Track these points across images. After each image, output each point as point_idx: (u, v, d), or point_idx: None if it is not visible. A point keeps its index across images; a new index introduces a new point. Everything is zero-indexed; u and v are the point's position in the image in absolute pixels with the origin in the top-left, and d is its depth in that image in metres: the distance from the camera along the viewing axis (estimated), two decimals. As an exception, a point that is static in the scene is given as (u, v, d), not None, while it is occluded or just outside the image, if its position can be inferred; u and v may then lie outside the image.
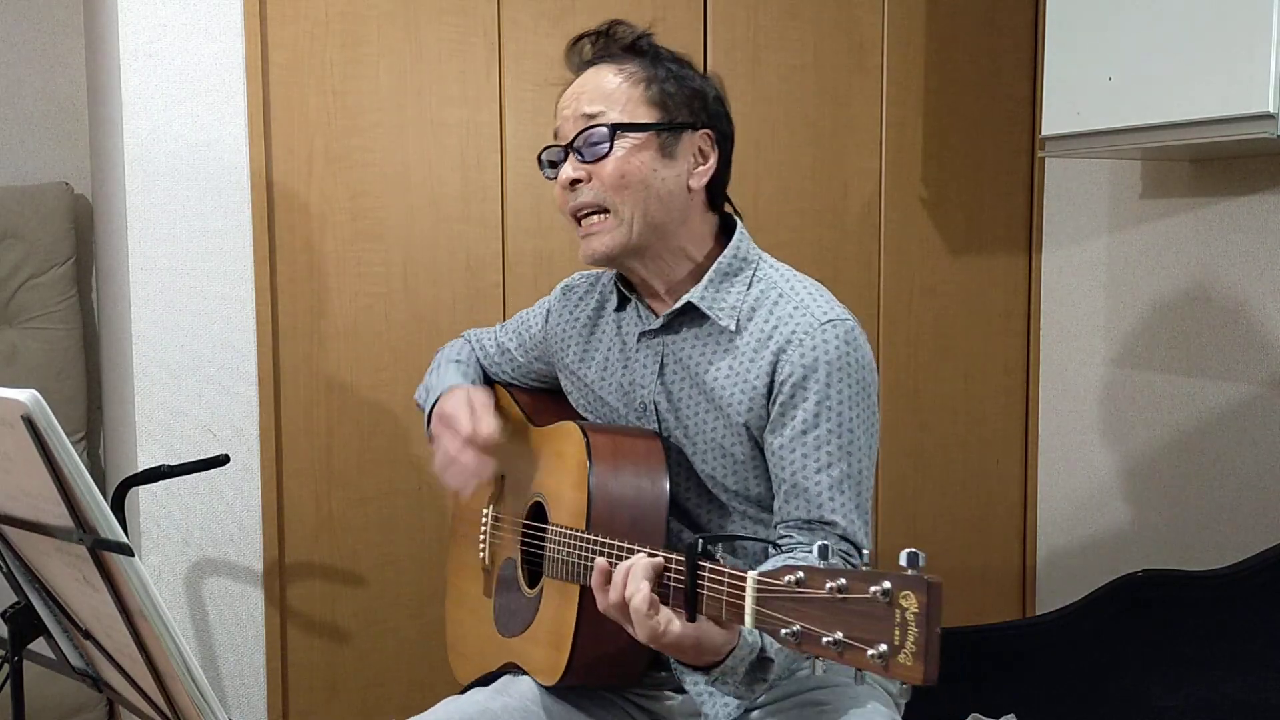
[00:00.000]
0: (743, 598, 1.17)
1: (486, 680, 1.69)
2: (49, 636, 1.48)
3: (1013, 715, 2.27)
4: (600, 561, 1.36)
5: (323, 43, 2.34)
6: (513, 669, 1.67)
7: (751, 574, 1.17)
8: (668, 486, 1.53)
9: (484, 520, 1.80)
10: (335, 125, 2.36)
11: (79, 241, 2.79)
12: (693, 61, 1.66)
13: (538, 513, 1.66)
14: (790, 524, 1.53)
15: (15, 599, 1.48)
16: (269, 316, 2.35)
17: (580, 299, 1.78)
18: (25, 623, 1.46)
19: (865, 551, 1.50)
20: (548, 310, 1.82)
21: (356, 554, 2.44)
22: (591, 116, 1.57)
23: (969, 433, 2.83)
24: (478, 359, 1.91)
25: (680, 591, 1.27)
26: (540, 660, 1.58)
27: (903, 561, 1.02)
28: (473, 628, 1.81)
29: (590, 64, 1.63)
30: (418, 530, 2.47)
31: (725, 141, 1.64)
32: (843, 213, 2.67)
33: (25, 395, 1.15)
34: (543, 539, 1.60)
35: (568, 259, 2.48)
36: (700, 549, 1.25)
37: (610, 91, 1.58)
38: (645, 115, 1.57)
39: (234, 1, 2.29)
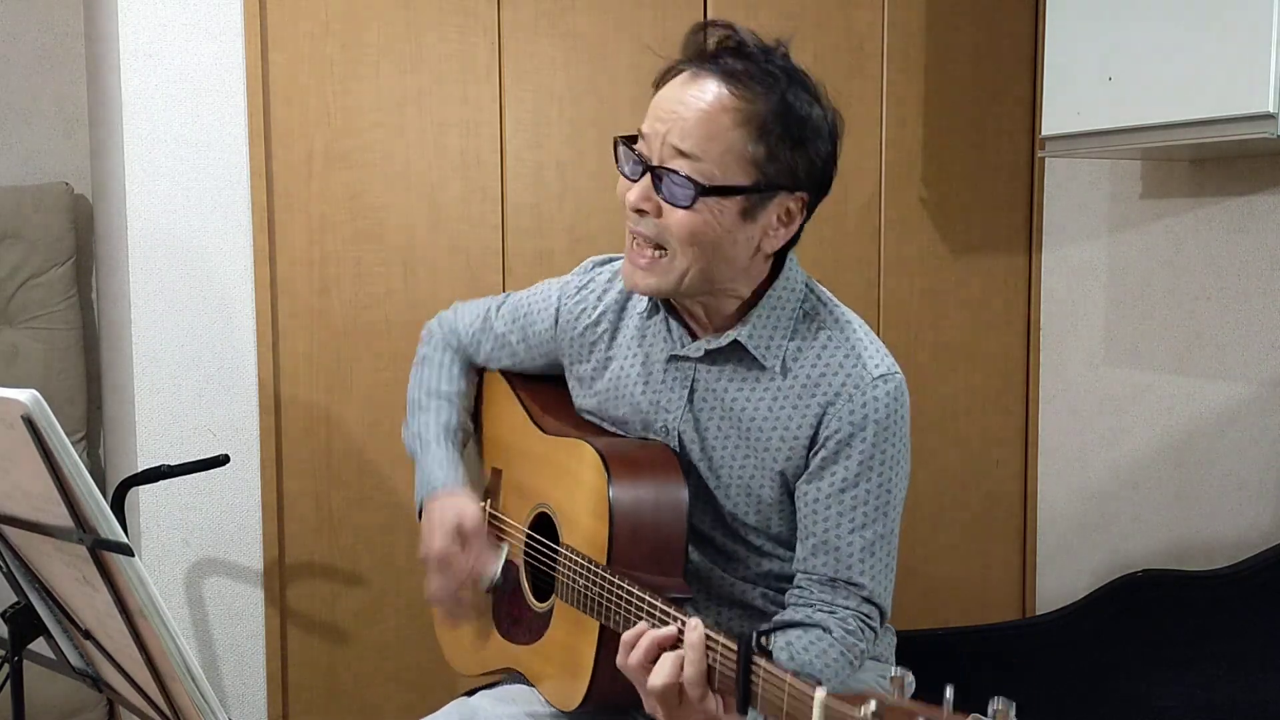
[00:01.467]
0: (808, 713, 1.09)
1: (489, 683, 1.69)
2: (49, 636, 1.48)
3: (1013, 703, 2.26)
4: (653, 633, 1.30)
5: (323, 43, 2.34)
6: (516, 675, 1.67)
7: (820, 692, 1.09)
8: (686, 511, 1.48)
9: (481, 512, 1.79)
10: (335, 125, 2.36)
11: (79, 241, 2.78)
12: (821, 90, 1.47)
13: (543, 523, 1.64)
14: (813, 577, 1.49)
15: (15, 599, 1.48)
16: (269, 316, 2.35)
17: (598, 298, 1.66)
18: (25, 623, 1.46)
19: (887, 612, 1.49)
20: (558, 309, 1.70)
21: (356, 554, 2.44)
22: (683, 155, 1.40)
23: (969, 433, 2.83)
24: (463, 367, 1.82)
25: (726, 678, 1.23)
26: (554, 684, 1.57)
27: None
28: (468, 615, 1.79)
29: (705, 67, 1.43)
30: (418, 530, 2.47)
31: (817, 199, 1.49)
32: (843, 213, 2.67)
33: (25, 395, 1.15)
34: (553, 558, 1.57)
35: (568, 258, 2.48)
36: (756, 643, 1.19)
37: (713, 134, 1.39)
38: (740, 173, 1.40)
39: (234, 1, 2.29)
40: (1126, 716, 2.26)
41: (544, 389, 1.78)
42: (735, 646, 1.22)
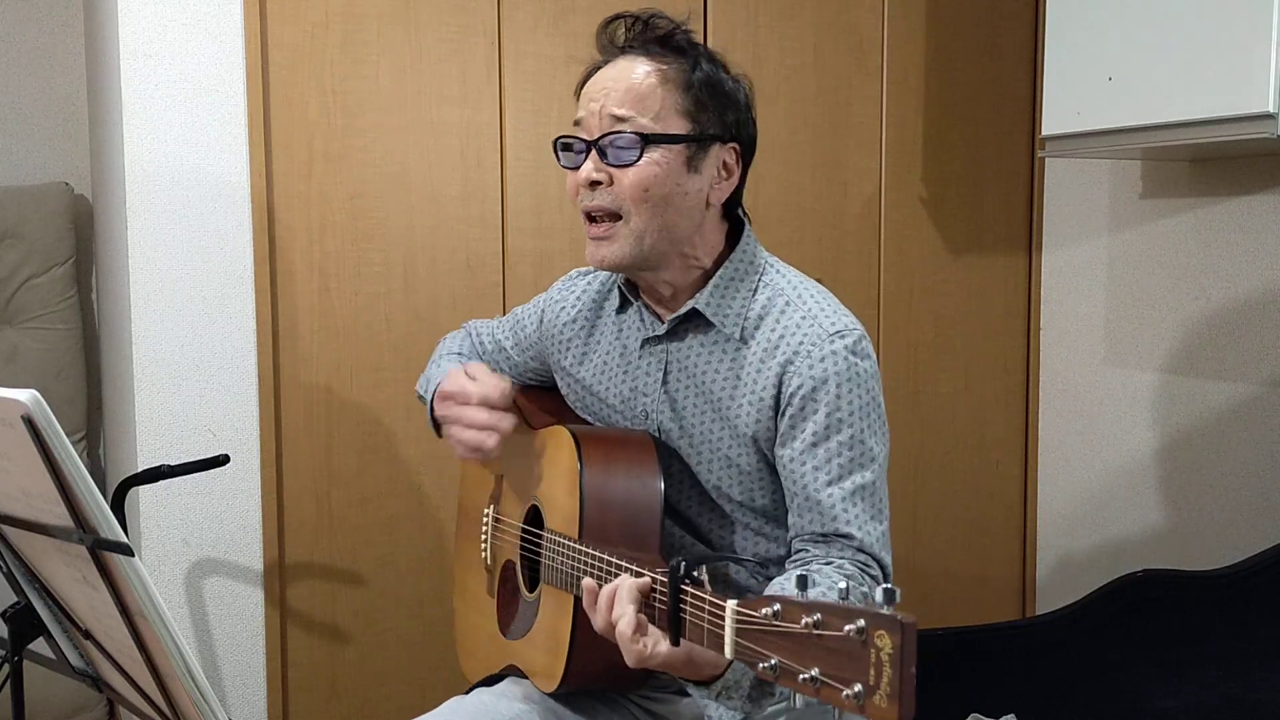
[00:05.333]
0: (722, 627, 1.14)
1: (490, 681, 1.69)
2: (49, 636, 1.48)
3: (1013, 715, 2.27)
4: (588, 583, 1.34)
5: (323, 43, 2.34)
6: (515, 671, 1.67)
7: (730, 603, 1.13)
8: (661, 489, 1.51)
9: (485, 519, 1.80)
10: (335, 125, 2.36)
11: (79, 241, 2.78)
12: (727, 61, 1.60)
13: (535, 517, 1.66)
14: (805, 538, 1.50)
15: (15, 599, 1.48)
16: (269, 316, 2.35)
17: (577, 298, 1.75)
18: (25, 623, 1.46)
19: (885, 563, 1.48)
20: (542, 310, 1.79)
21: (356, 554, 2.44)
22: (621, 119, 1.51)
23: (969, 433, 2.83)
24: (478, 353, 1.90)
25: (665, 613, 1.25)
26: (539, 666, 1.58)
27: (878, 597, 1.00)
28: (478, 624, 1.81)
29: (622, 51, 1.56)
30: (418, 530, 2.47)
31: (749, 153, 1.60)
32: (843, 213, 2.67)
33: (25, 395, 1.15)
34: (539, 545, 1.60)
35: (567, 259, 2.48)
36: (683, 571, 1.22)
37: (643, 94, 1.51)
38: (676, 125, 1.52)
39: (234, 1, 2.29)
40: (1126, 716, 2.26)
41: (540, 393, 1.84)
42: (665, 575, 1.24)
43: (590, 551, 1.42)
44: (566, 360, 1.74)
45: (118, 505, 2.20)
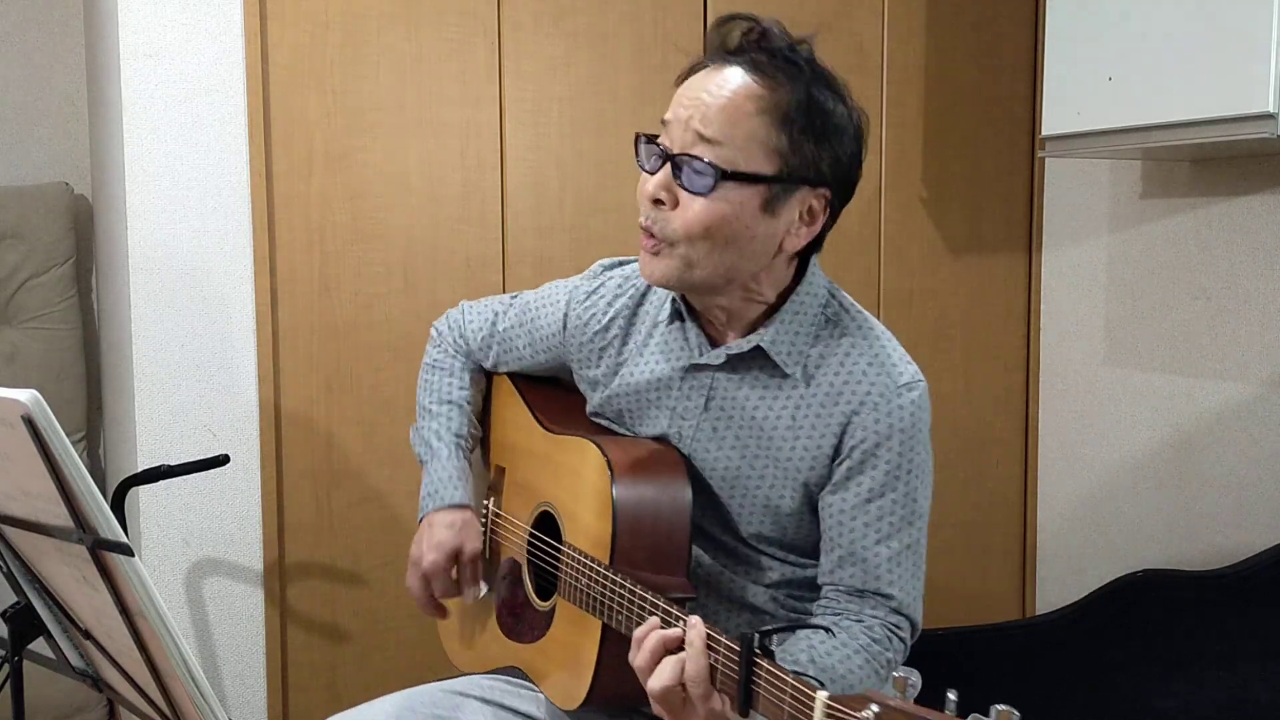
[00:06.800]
0: (809, 715, 1.09)
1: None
2: (49, 636, 1.48)
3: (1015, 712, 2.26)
4: (660, 633, 1.29)
5: (323, 43, 2.34)
6: (516, 673, 1.67)
7: (822, 695, 1.08)
8: (690, 509, 1.46)
9: (484, 511, 1.79)
10: (335, 125, 2.36)
11: (79, 241, 2.78)
12: (845, 89, 1.46)
13: (546, 522, 1.64)
14: (840, 588, 1.47)
15: (15, 599, 1.47)
16: (269, 316, 2.35)
17: (609, 304, 1.63)
18: (25, 623, 1.46)
19: (917, 622, 1.47)
20: (565, 313, 1.67)
21: (356, 554, 2.44)
22: (705, 141, 1.38)
23: (969, 432, 2.83)
24: (473, 373, 1.81)
25: (729, 679, 1.22)
26: (556, 683, 1.56)
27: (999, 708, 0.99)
28: (470, 612, 1.79)
29: (730, 59, 1.41)
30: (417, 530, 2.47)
31: (842, 199, 1.48)
32: (843, 212, 2.67)
33: (25, 395, 1.15)
34: (556, 556, 1.57)
35: (568, 259, 2.48)
36: (758, 644, 1.18)
37: (736, 120, 1.37)
38: (762, 162, 1.38)
39: (234, 1, 2.29)
40: (1126, 716, 2.26)
41: (550, 390, 1.77)
42: (737, 647, 1.21)
43: (625, 585, 1.39)
44: (596, 373, 1.64)
45: (118, 505, 2.20)
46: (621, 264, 1.68)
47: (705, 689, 1.25)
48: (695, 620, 1.27)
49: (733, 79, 1.39)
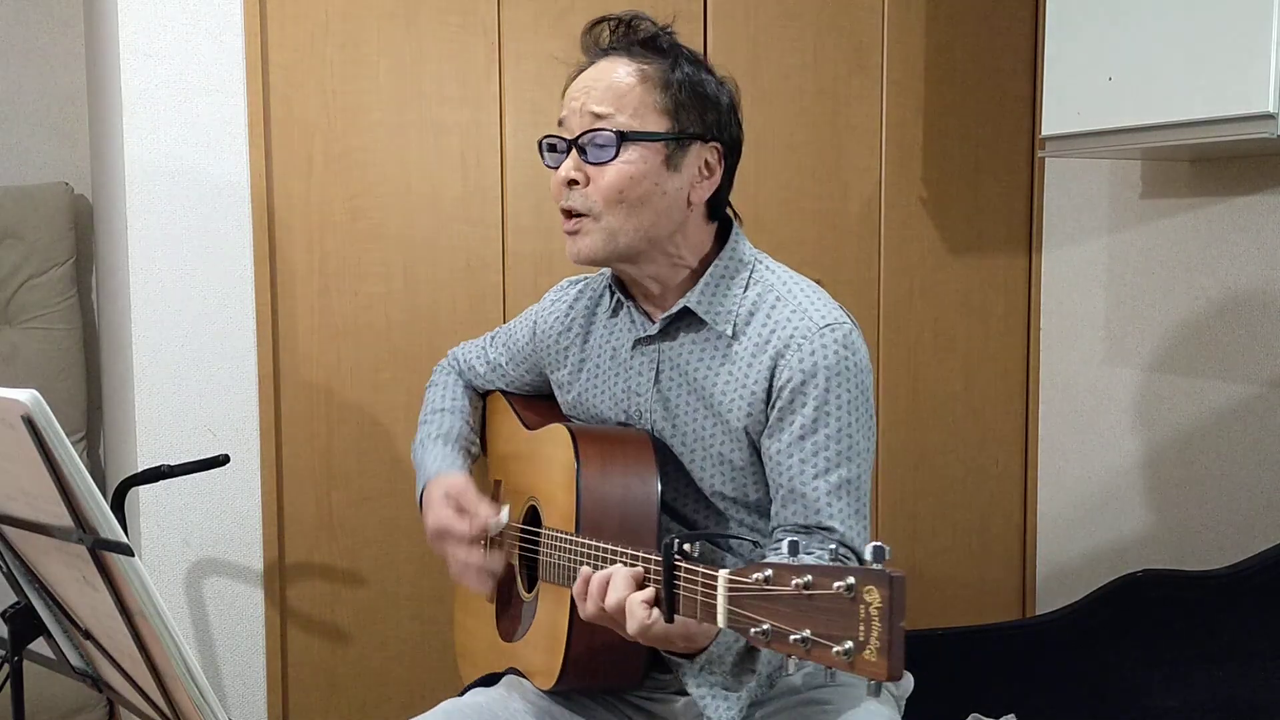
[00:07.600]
0: (715, 597, 1.15)
1: (486, 682, 1.69)
2: (49, 636, 1.48)
3: (1012, 715, 2.27)
4: (584, 570, 1.35)
5: (323, 43, 2.34)
6: (514, 673, 1.67)
7: (723, 572, 1.15)
8: (658, 485, 1.52)
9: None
10: (335, 125, 2.36)
11: (79, 241, 2.79)
12: (710, 64, 1.62)
13: (533, 516, 1.66)
14: (787, 529, 1.51)
15: (15, 599, 1.48)
16: (269, 316, 2.35)
17: (569, 307, 1.76)
18: (25, 623, 1.46)
19: (866, 558, 1.50)
20: (534, 322, 1.80)
21: (356, 554, 2.44)
22: (600, 117, 1.53)
23: (969, 433, 2.83)
24: (465, 388, 1.90)
25: (659, 590, 1.26)
26: (537, 664, 1.58)
27: (868, 555, 1.01)
28: (477, 631, 1.81)
29: (605, 53, 1.59)
30: (418, 530, 2.46)
31: (733, 154, 1.61)
32: (843, 213, 2.67)
33: (25, 395, 1.15)
34: (537, 543, 1.60)
35: (568, 259, 2.48)
36: (676, 548, 1.23)
37: (623, 92, 1.53)
38: (655, 123, 1.53)
39: (234, 1, 2.29)
40: (1126, 716, 2.26)
41: (536, 399, 1.85)
42: (660, 556, 1.25)
43: (585, 541, 1.42)
44: (563, 371, 1.74)
45: (118, 505, 2.20)
46: (586, 279, 1.79)
47: (620, 605, 1.28)
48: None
49: (612, 65, 1.56)
